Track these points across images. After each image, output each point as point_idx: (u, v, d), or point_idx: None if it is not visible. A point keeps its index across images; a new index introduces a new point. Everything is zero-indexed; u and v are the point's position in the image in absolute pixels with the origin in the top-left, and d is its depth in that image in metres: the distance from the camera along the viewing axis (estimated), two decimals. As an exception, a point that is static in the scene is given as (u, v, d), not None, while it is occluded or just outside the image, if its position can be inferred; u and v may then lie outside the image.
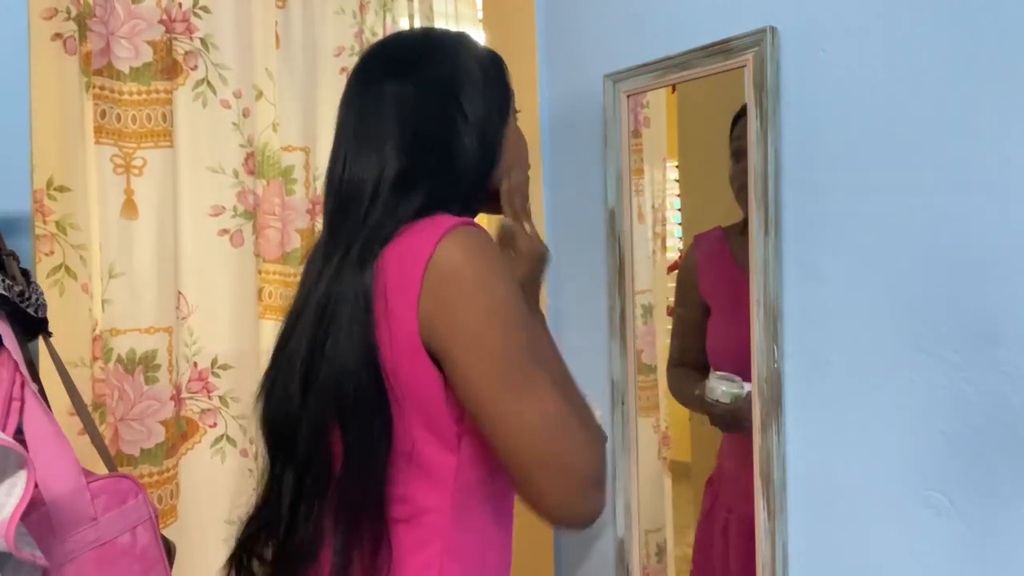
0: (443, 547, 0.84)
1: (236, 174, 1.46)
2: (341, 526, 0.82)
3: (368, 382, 0.80)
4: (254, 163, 1.49)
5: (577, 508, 0.78)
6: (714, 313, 1.33)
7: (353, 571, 0.81)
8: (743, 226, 1.22)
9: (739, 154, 1.22)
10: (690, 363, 1.36)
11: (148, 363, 1.38)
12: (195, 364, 1.44)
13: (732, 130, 1.26)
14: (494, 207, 0.97)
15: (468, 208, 0.91)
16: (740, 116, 1.22)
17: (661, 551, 1.45)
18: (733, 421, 1.27)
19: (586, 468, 0.78)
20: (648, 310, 1.44)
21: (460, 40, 0.95)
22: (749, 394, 1.20)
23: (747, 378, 1.21)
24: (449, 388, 0.81)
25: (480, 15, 1.81)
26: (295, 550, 0.86)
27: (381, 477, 0.81)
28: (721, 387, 1.23)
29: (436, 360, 0.80)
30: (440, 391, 0.81)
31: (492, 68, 0.94)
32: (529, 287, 0.95)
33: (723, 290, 1.32)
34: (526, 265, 0.95)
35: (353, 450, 0.81)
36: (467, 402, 0.80)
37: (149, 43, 1.38)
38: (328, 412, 0.82)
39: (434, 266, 0.78)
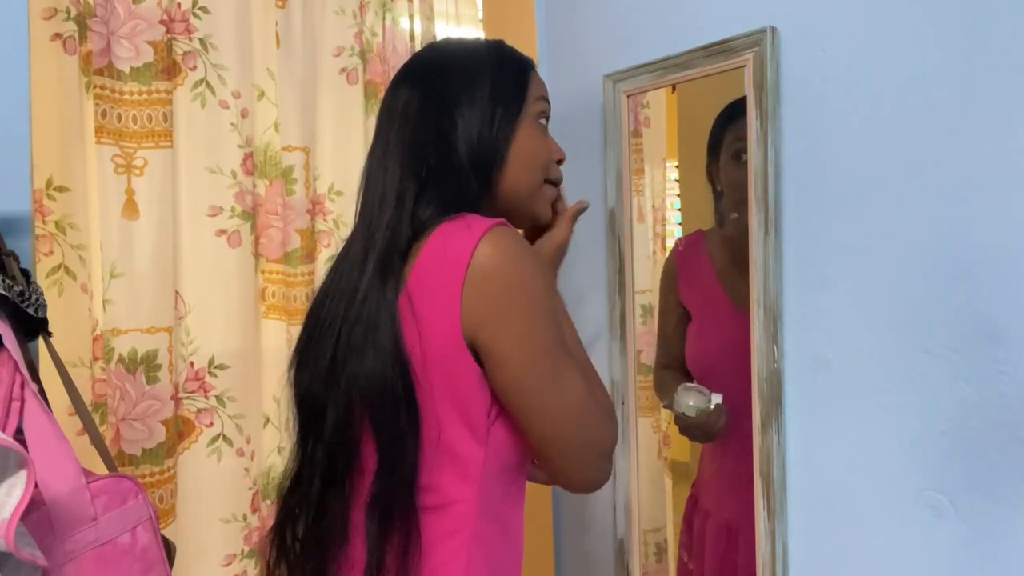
0: (469, 536, 0.87)
1: (234, 175, 1.46)
2: (374, 517, 0.85)
3: (395, 383, 0.84)
4: (252, 163, 1.49)
5: (596, 478, 0.91)
6: (693, 318, 1.33)
7: (386, 559, 0.84)
8: (721, 229, 1.22)
9: (742, 155, 1.20)
10: (675, 367, 1.36)
11: (149, 363, 1.38)
12: (191, 364, 1.43)
13: (726, 129, 1.24)
14: (512, 213, 0.99)
15: (481, 210, 0.92)
16: (735, 115, 1.21)
17: (661, 551, 1.44)
18: (700, 433, 1.27)
19: (604, 445, 0.90)
20: (648, 310, 1.44)
21: (477, 50, 0.99)
22: (718, 407, 1.21)
23: (721, 386, 1.21)
24: (484, 381, 0.85)
25: (480, 15, 1.81)
26: (324, 534, 0.90)
27: (413, 472, 0.85)
28: (687, 400, 1.24)
29: (476, 353, 0.84)
30: (477, 384, 0.85)
31: (508, 74, 0.97)
32: (553, 267, 1.05)
33: (701, 295, 1.32)
34: (553, 247, 1.05)
35: (384, 448, 0.85)
36: (507, 392, 0.85)
37: (150, 43, 1.38)
38: (357, 407, 0.87)
39: (476, 266, 0.82)
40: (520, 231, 0.92)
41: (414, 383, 0.84)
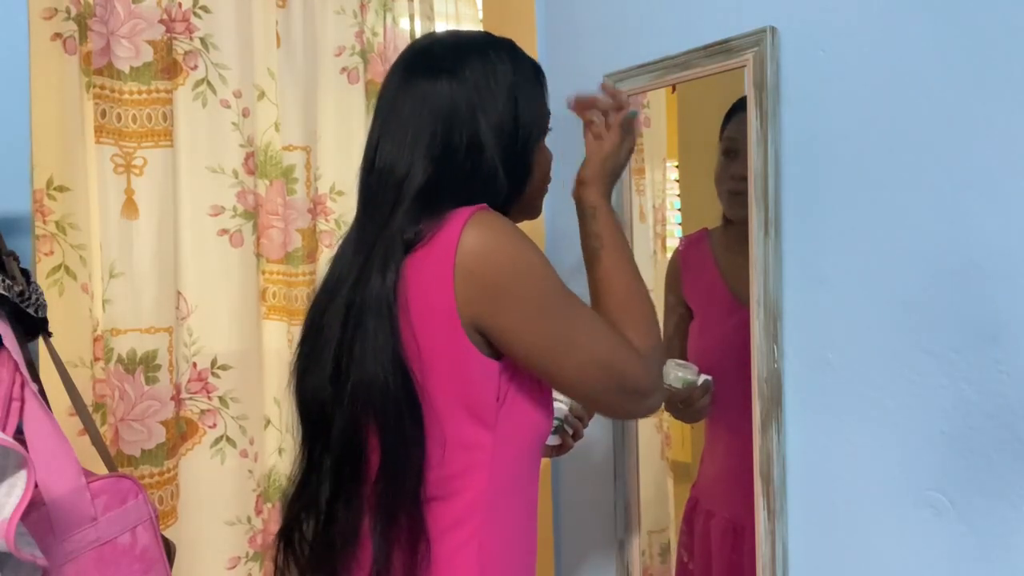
0: (479, 525, 0.88)
1: (236, 174, 1.46)
2: (380, 519, 0.85)
3: (396, 386, 0.84)
4: (254, 163, 1.49)
5: (640, 412, 1.00)
6: (696, 316, 1.33)
7: (393, 557, 0.85)
8: (725, 227, 1.22)
9: (731, 152, 1.21)
10: None
11: (148, 363, 1.38)
12: (194, 364, 1.43)
13: (724, 127, 1.25)
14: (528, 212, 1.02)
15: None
16: (734, 112, 1.21)
17: (665, 552, 1.44)
18: (685, 408, 1.27)
19: (642, 381, 0.91)
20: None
21: (504, 49, 0.98)
22: (706, 382, 1.21)
23: (723, 384, 1.21)
24: (489, 367, 0.85)
25: (480, 15, 1.81)
26: (334, 538, 0.90)
27: (417, 474, 0.85)
28: (675, 372, 1.23)
29: (482, 337, 0.85)
30: (481, 371, 0.85)
31: (531, 81, 0.98)
32: (606, 179, 1.04)
33: (703, 293, 1.32)
34: (630, 143, 1.07)
35: (389, 450, 0.85)
36: (527, 360, 0.87)
37: (149, 43, 1.38)
38: (362, 412, 0.86)
39: (464, 253, 0.83)
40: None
41: (415, 387, 0.84)
